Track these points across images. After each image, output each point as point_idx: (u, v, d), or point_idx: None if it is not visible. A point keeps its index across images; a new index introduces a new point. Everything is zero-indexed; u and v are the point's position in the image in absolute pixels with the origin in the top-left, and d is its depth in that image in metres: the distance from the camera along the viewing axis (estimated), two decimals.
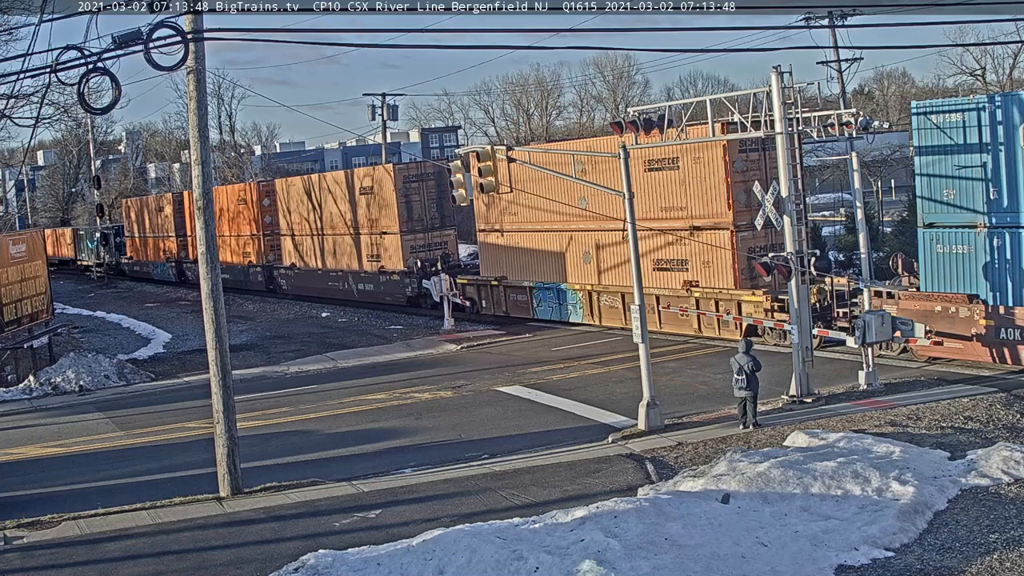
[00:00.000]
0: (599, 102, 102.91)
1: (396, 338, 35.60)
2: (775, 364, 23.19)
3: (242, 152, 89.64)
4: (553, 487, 16.78)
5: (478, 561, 12.45)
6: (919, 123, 22.93)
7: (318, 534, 15.36)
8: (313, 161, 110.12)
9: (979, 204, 22.02)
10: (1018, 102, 21.23)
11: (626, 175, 20.82)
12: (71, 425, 25.50)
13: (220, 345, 17.83)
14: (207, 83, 18.06)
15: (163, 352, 36.57)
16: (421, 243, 40.97)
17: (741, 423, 19.39)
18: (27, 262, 34.58)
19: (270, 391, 28.03)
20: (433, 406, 24.34)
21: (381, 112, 61.00)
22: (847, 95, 53.12)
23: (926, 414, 18.86)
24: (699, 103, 23.73)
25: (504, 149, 24.56)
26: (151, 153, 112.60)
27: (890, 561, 12.55)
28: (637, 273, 20.68)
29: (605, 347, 29.90)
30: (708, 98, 23.18)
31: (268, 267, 51.51)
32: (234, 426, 17.95)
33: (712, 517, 13.60)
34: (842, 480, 14.70)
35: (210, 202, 17.94)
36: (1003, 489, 14.60)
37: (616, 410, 21.96)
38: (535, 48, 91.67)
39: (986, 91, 67.51)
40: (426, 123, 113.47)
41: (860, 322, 21.50)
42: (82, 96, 16.00)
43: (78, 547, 15.74)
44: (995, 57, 74.31)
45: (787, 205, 21.28)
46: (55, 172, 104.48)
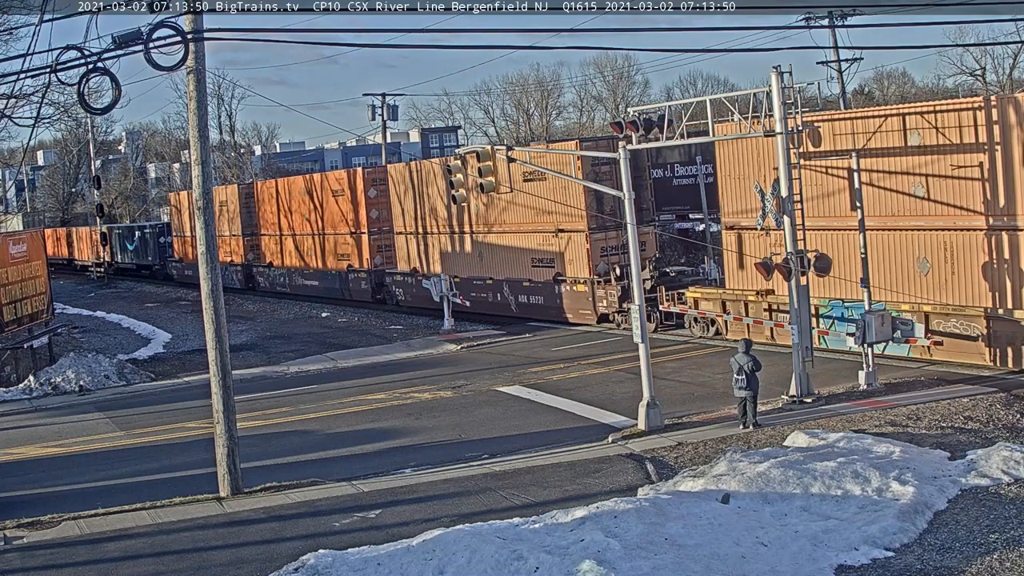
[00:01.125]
0: (599, 102, 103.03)
1: (396, 338, 35.61)
2: (775, 364, 23.19)
3: (242, 152, 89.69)
4: (553, 487, 16.78)
5: (478, 561, 12.45)
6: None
7: (318, 534, 15.36)
8: (313, 161, 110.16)
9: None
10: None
11: (626, 175, 20.85)
12: (71, 425, 25.50)
13: (220, 345, 17.83)
14: (207, 83, 18.06)
15: (163, 352, 36.59)
16: (613, 244, 32.72)
17: (741, 423, 19.38)
18: (27, 262, 34.60)
19: (270, 391, 28.03)
20: (433, 406, 24.34)
21: (381, 112, 61.05)
22: (847, 95, 53.16)
23: (926, 414, 18.86)
24: (699, 103, 23.72)
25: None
26: (151, 153, 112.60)
27: (890, 561, 12.55)
28: (637, 271, 20.71)
29: (605, 347, 29.90)
30: (708, 98, 23.16)
31: (378, 272, 43.85)
32: (234, 426, 17.94)
33: (712, 517, 13.60)
34: (842, 480, 14.70)
35: (210, 202, 17.94)
36: (1003, 489, 14.60)
37: (616, 410, 21.96)
38: (535, 48, 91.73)
39: (986, 91, 67.55)
40: (426, 123, 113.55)
41: (860, 322, 21.50)
42: (82, 96, 16.00)
43: (78, 547, 15.74)
44: (995, 57, 74.41)
45: (787, 205, 21.29)
46: (55, 172, 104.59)
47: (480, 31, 47.32)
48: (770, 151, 25.23)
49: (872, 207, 23.53)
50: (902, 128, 23.45)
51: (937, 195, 22.94)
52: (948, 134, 22.51)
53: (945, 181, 22.73)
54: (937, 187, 22.90)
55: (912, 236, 23.43)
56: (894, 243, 23.73)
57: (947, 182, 22.70)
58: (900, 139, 23.47)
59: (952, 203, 22.64)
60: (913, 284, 23.46)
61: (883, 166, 23.86)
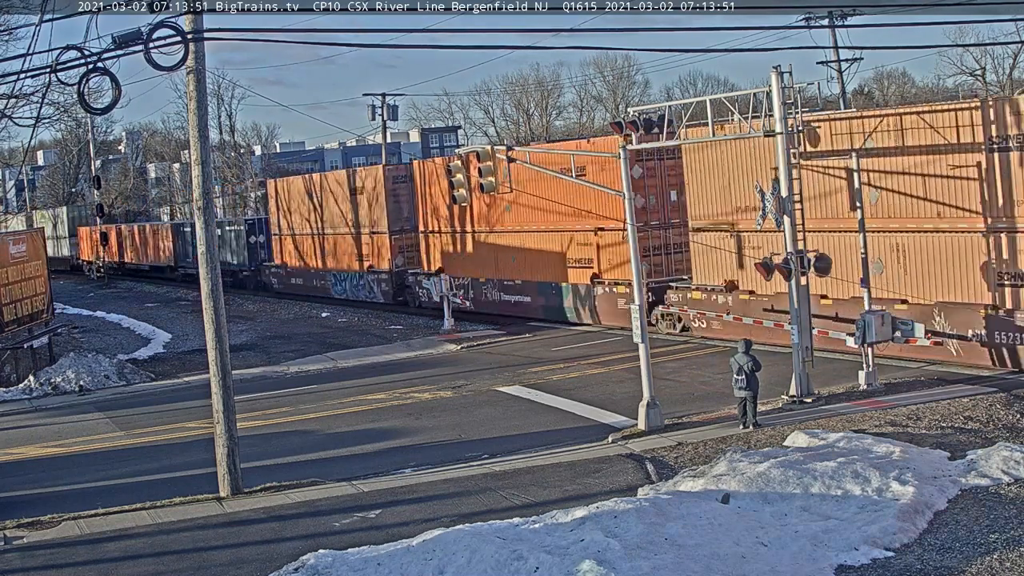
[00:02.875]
0: (599, 102, 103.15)
1: (396, 338, 35.61)
2: (775, 364, 23.19)
3: (242, 152, 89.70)
4: (553, 487, 16.78)
5: (478, 561, 12.44)
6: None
7: (318, 534, 15.36)
8: (313, 161, 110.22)
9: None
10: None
11: (626, 175, 20.85)
12: (71, 425, 25.50)
13: (220, 345, 17.83)
14: (207, 83, 18.06)
15: (163, 352, 36.59)
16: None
17: (741, 423, 19.38)
18: (27, 262, 34.61)
19: (270, 391, 28.03)
20: (433, 406, 24.34)
21: (381, 112, 61.03)
22: (847, 95, 53.15)
23: (926, 414, 18.86)
24: (699, 103, 23.72)
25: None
26: (151, 153, 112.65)
27: (890, 561, 12.55)
28: (637, 272, 20.70)
29: (605, 347, 29.91)
30: (708, 98, 23.16)
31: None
32: (234, 426, 17.94)
33: (712, 517, 13.59)
34: (842, 480, 14.70)
35: (210, 202, 17.95)
36: (1003, 489, 14.60)
37: (616, 410, 21.96)
38: (535, 48, 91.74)
39: (986, 91, 67.56)
40: (426, 123, 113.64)
41: (860, 322, 21.50)
42: (82, 96, 16.01)
43: (78, 547, 15.73)
44: (995, 57, 74.47)
45: (787, 205, 21.28)
46: (55, 172, 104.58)
47: (480, 31, 47.22)
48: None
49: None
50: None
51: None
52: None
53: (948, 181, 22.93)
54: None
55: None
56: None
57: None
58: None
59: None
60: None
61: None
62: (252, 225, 54.73)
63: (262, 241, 53.81)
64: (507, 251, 36.88)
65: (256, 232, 54.06)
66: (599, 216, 31.99)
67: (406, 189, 43.02)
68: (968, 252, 22.43)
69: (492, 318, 36.91)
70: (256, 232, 54.06)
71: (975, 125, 21.97)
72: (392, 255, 43.19)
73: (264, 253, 53.51)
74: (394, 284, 42.95)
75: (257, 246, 53.86)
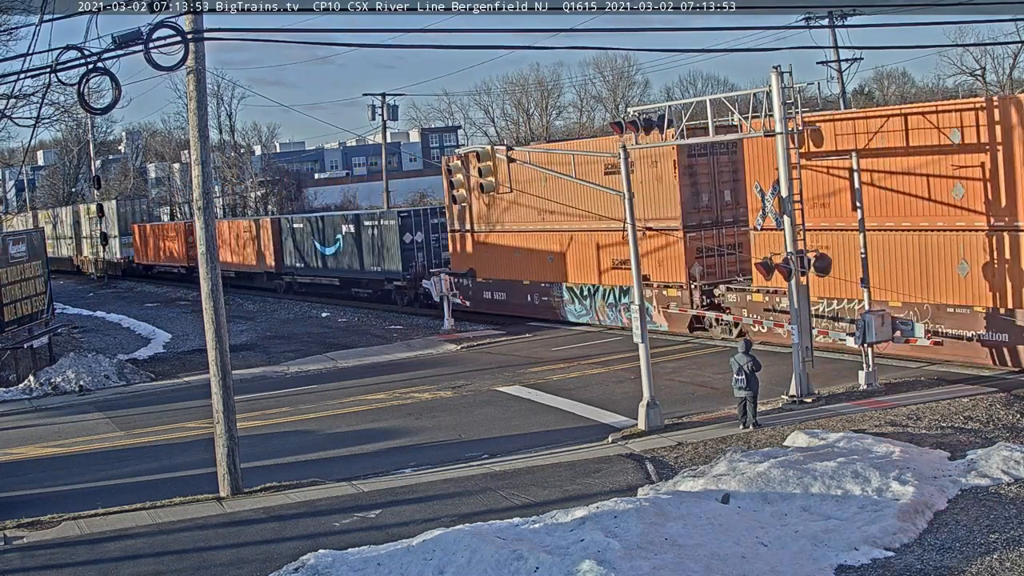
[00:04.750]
0: (599, 102, 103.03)
1: (396, 338, 35.61)
2: (775, 364, 23.19)
3: (242, 152, 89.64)
4: (553, 487, 16.78)
5: (478, 561, 12.45)
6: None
7: (318, 534, 15.36)
8: (313, 161, 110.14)
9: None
10: None
11: (626, 175, 20.85)
12: (71, 425, 25.50)
13: (220, 345, 17.83)
14: (207, 83, 18.06)
15: (163, 352, 36.58)
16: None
17: (741, 423, 19.38)
18: (27, 262, 34.63)
19: (270, 391, 28.03)
20: (433, 406, 24.34)
21: (381, 112, 60.98)
22: (847, 95, 53.13)
23: (926, 414, 18.86)
24: (699, 103, 23.72)
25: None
26: (151, 153, 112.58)
27: (890, 561, 12.55)
28: (637, 272, 20.71)
29: (605, 347, 29.91)
30: (708, 98, 23.17)
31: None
32: (234, 426, 17.95)
33: (712, 517, 13.60)
34: (842, 480, 14.70)
35: (210, 202, 17.94)
36: (1003, 489, 14.60)
37: (616, 410, 21.96)
38: (535, 48, 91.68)
39: (986, 91, 67.56)
40: (426, 123, 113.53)
41: (860, 322, 21.50)
42: (82, 96, 16.01)
43: (78, 547, 15.73)
44: (995, 57, 74.41)
45: (787, 205, 21.28)
46: (55, 172, 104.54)
47: (480, 31, 47.10)
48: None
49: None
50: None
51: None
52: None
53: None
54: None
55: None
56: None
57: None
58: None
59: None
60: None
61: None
62: (407, 219, 40.92)
63: (419, 240, 40.72)
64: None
65: (413, 229, 40.49)
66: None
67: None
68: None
69: (492, 318, 36.87)
70: (413, 229, 40.49)
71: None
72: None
73: (432, 257, 40.42)
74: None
75: (414, 247, 40.70)
